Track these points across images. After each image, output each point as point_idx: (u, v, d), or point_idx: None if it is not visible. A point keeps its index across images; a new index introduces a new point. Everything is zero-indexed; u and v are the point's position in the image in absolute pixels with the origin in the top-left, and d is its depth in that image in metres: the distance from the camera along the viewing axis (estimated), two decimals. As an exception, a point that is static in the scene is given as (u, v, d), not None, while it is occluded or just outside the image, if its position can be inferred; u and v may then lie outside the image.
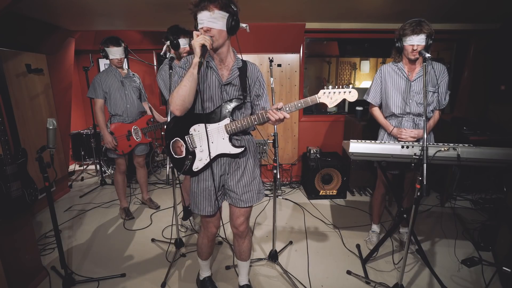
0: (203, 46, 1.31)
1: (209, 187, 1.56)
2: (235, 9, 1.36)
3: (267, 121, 1.44)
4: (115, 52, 2.63)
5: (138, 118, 2.86)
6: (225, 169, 1.57)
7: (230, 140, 1.51)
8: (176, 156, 1.56)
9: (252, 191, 1.62)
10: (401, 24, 2.02)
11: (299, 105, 1.42)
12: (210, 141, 1.48)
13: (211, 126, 1.49)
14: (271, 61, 2.38)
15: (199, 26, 1.34)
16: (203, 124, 1.46)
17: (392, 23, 3.27)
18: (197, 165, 1.53)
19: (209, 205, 1.58)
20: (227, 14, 1.33)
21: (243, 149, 1.51)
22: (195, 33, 1.34)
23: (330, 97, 1.41)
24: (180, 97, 1.37)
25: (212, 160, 1.52)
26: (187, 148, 1.54)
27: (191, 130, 1.52)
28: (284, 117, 1.38)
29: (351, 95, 1.43)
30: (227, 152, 1.51)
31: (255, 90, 1.57)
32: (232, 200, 1.63)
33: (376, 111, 2.28)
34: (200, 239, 1.79)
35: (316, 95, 1.43)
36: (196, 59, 1.32)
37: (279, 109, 1.40)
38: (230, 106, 1.49)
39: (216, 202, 1.58)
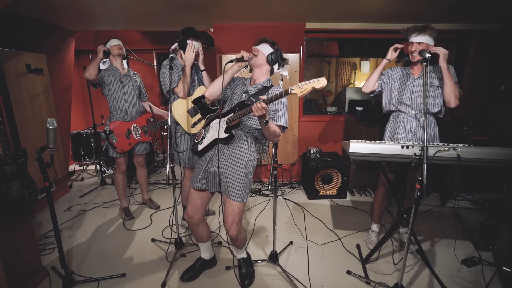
0: (242, 57, 1.80)
1: (203, 166, 1.85)
2: (277, 52, 1.82)
3: (250, 113, 1.65)
4: (115, 40, 2.71)
5: (138, 116, 2.86)
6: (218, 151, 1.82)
7: (227, 129, 1.77)
8: (196, 141, 1.97)
9: (238, 186, 1.77)
10: (401, 24, 2.04)
11: (277, 96, 1.54)
12: (215, 129, 1.84)
13: (222, 120, 1.83)
14: None
15: (254, 47, 1.84)
16: (218, 119, 1.86)
17: (392, 23, 3.27)
18: (200, 147, 1.90)
19: (200, 177, 1.85)
20: (271, 49, 1.81)
21: (228, 134, 1.76)
22: (244, 52, 1.84)
23: (300, 87, 1.49)
24: (215, 86, 1.86)
25: (209, 146, 1.84)
26: (203, 136, 1.94)
27: (211, 124, 1.92)
28: (263, 107, 1.49)
29: (319, 82, 1.48)
30: (218, 136, 1.77)
31: (273, 104, 1.73)
32: (222, 187, 1.80)
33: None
34: None
35: (290, 87, 1.52)
36: (233, 63, 1.81)
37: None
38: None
39: (203, 179, 1.85)
